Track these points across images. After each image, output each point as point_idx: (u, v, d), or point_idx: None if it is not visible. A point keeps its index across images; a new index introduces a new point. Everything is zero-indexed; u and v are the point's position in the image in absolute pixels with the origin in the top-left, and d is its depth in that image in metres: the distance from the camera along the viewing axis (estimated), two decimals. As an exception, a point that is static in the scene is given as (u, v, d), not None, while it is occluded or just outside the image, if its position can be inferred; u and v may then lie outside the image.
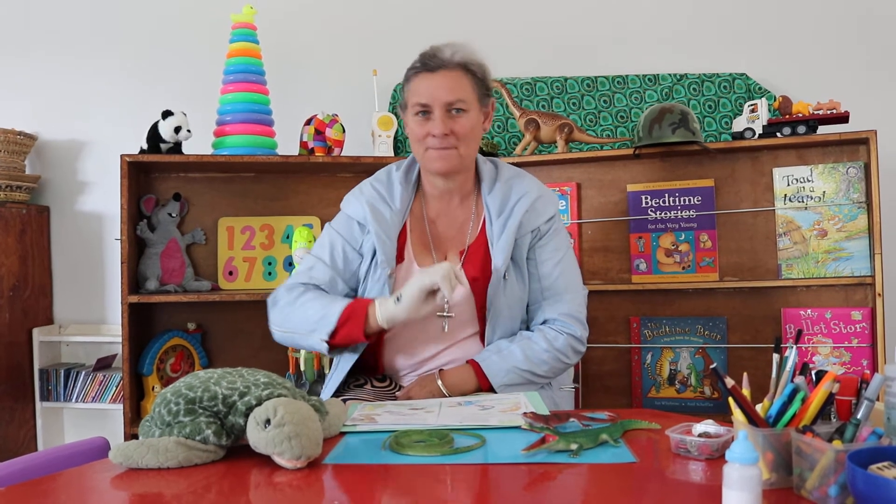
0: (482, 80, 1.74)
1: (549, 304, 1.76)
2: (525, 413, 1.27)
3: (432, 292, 1.57)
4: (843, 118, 2.47)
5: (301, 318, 1.68)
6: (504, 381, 1.65)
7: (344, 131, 2.74)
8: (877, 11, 2.96)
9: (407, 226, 1.78)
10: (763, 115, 2.51)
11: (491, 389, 1.66)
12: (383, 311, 1.59)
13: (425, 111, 1.70)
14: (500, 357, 1.68)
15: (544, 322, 1.76)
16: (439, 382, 1.66)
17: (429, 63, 1.71)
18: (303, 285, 1.75)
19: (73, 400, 2.97)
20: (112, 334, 3.06)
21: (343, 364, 1.76)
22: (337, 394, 1.74)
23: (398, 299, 1.58)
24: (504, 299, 1.72)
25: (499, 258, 1.71)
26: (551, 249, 1.77)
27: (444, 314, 1.69)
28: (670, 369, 2.65)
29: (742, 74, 2.92)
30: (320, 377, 2.58)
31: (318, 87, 3.16)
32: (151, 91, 3.14)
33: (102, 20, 3.19)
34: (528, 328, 1.80)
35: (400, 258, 1.75)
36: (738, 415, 1.05)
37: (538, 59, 3.10)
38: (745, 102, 2.64)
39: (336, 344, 1.65)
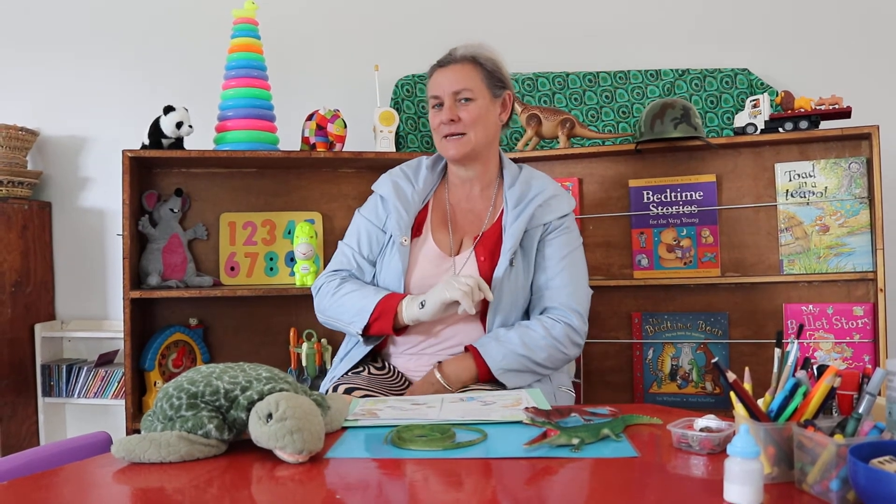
0: (492, 71, 1.86)
1: (551, 294, 1.81)
2: (526, 408, 1.27)
3: (455, 302, 1.66)
4: (846, 113, 2.47)
5: (341, 310, 1.82)
6: (503, 366, 1.68)
7: (345, 127, 2.74)
8: (879, 6, 2.96)
9: (429, 205, 1.91)
10: (765, 111, 2.51)
11: (490, 376, 1.68)
12: (409, 313, 1.71)
13: (439, 103, 1.84)
14: (498, 343, 1.71)
15: (544, 311, 1.80)
16: (438, 375, 1.69)
17: (442, 60, 1.88)
18: (336, 273, 1.90)
19: (75, 395, 2.98)
20: (114, 330, 3.06)
21: (354, 353, 1.84)
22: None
23: (422, 305, 1.69)
24: (508, 284, 1.76)
25: (508, 242, 1.78)
26: (559, 245, 1.84)
27: None
28: (672, 365, 2.65)
29: (744, 70, 2.92)
30: (322, 372, 2.58)
31: (320, 82, 3.16)
32: (153, 86, 3.14)
33: (104, 15, 3.19)
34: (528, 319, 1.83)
35: (418, 232, 1.87)
36: (739, 409, 1.05)
37: (540, 54, 3.09)
38: (747, 98, 2.64)
39: (370, 334, 1.78)
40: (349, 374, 1.79)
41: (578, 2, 3.13)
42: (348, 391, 1.65)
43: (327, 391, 1.75)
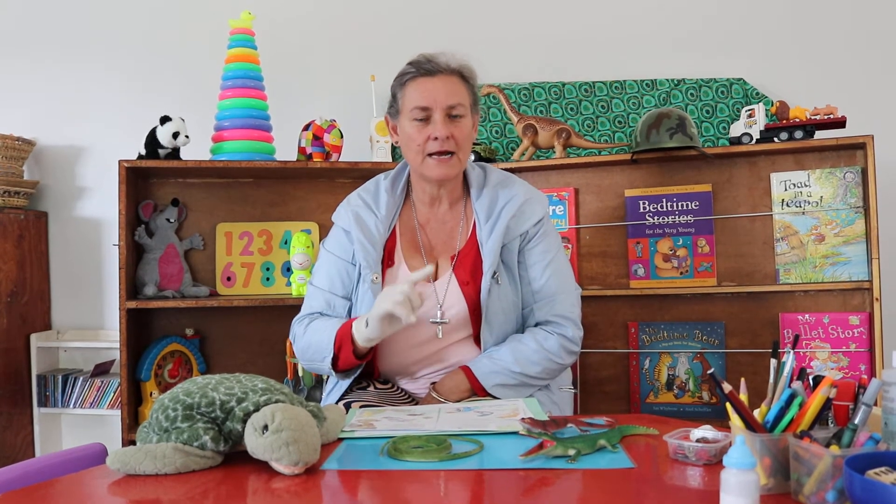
0: (474, 87, 1.77)
1: (541, 306, 1.76)
2: (523, 418, 1.27)
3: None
4: (841, 123, 2.48)
5: (310, 350, 1.74)
6: (496, 382, 1.66)
7: (342, 136, 2.75)
8: (874, 17, 2.97)
9: (396, 231, 1.81)
10: (760, 120, 2.52)
11: (485, 392, 1.67)
12: (359, 335, 1.62)
13: (425, 116, 1.70)
14: (490, 360, 1.69)
15: (537, 324, 1.77)
16: (434, 394, 1.68)
17: (426, 67, 1.71)
18: (308, 317, 1.81)
19: (71, 406, 2.97)
20: (110, 340, 3.05)
21: (342, 382, 1.79)
22: (341, 397, 1.75)
23: (367, 323, 1.59)
24: (498, 303, 1.72)
25: (487, 262, 1.72)
26: (541, 252, 1.78)
27: (439, 321, 1.72)
28: (668, 374, 2.65)
29: (739, 79, 2.93)
30: (318, 383, 2.58)
31: (316, 92, 3.16)
32: (150, 96, 3.14)
33: (101, 25, 3.20)
34: (523, 331, 1.80)
35: (390, 262, 1.78)
36: (735, 420, 1.05)
37: (536, 64, 3.10)
38: (743, 107, 2.65)
39: (344, 368, 1.70)
40: (355, 390, 1.76)
41: (574, 12, 3.15)
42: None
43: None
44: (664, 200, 2.66)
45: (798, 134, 2.47)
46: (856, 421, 0.97)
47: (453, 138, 1.70)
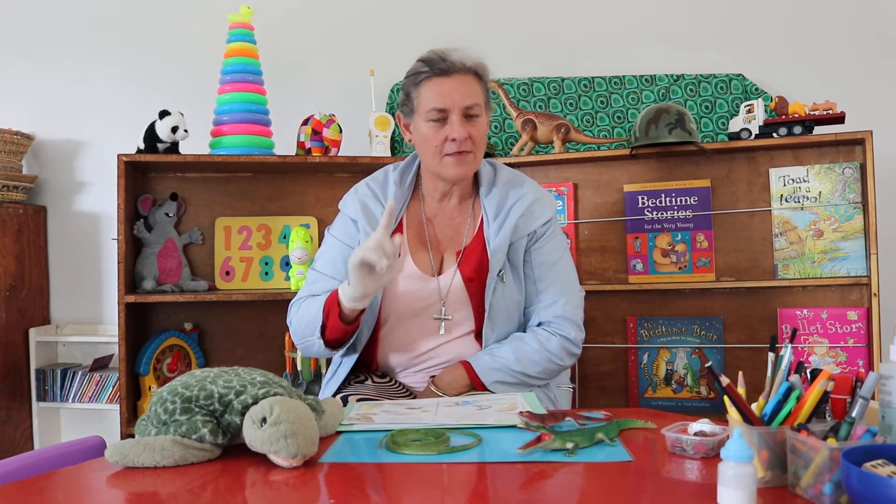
0: (487, 84, 1.76)
1: (544, 306, 1.76)
2: (521, 412, 1.27)
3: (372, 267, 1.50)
4: (840, 119, 2.48)
5: (302, 326, 1.71)
6: (495, 379, 1.66)
7: (341, 131, 2.74)
8: (873, 12, 2.97)
9: (403, 223, 1.80)
10: (759, 116, 2.52)
11: (484, 388, 1.67)
12: (344, 295, 1.59)
13: (442, 117, 1.69)
14: (491, 357, 1.69)
15: (539, 324, 1.77)
16: (433, 388, 1.68)
17: (440, 66, 1.69)
18: (304, 299, 1.79)
19: (70, 400, 2.97)
20: (109, 334, 3.05)
21: (343, 366, 1.78)
22: (338, 391, 1.75)
23: (349, 282, 1.57)
24: (502, 301, 1.73)
25: (493, 259, 1.72)
26: (547, 252, 1.78)
27: (442, 317, 1.73)
28: (667, 369, 2.66)
29: (739, 75, 2.93)
30: (317, 377, 2.58)
31: (316, 87, 3.16)
32: (148, 91, 3.13)
33: (100, 20, 3.19)
34: (524, 331, 1.80)
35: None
36: (733, 413, 1.05)
37: (535, 59, 3.10)
38: (742, 103, 2.65)
39: (334, 339, 1.66)
40: (353, 383, 1.76)
41: (574, 8, 3.14)
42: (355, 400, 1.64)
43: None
44: (663, 195, 2.66)
45: (797, 129, 2.47)
46: (853, 414, 0.98)
47: (471, 138, 1.69)
